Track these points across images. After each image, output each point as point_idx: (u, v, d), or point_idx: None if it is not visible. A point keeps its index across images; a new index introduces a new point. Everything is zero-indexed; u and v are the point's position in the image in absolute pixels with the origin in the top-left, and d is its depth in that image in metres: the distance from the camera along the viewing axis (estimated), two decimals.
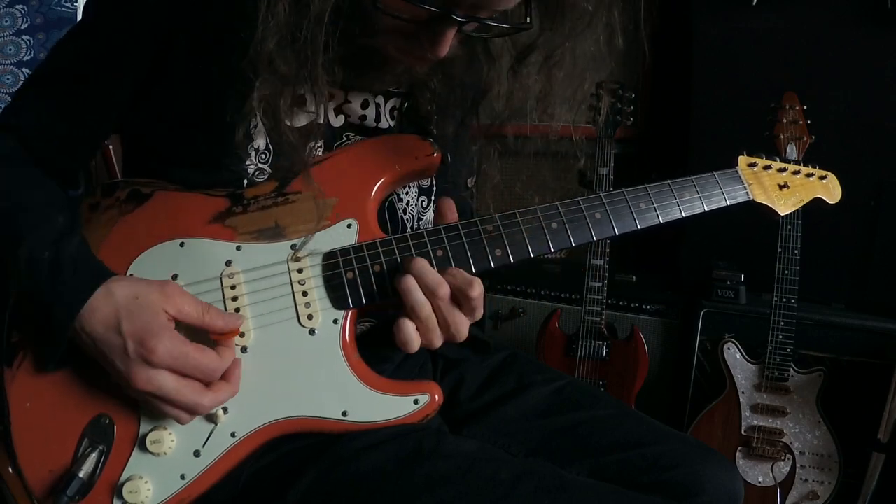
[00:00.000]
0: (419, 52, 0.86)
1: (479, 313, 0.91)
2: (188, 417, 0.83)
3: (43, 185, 0.93)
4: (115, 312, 0.80)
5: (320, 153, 0.97)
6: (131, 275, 0.88)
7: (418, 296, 0.87)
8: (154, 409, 0.83)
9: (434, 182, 1.11)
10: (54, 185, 0.94)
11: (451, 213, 0.96)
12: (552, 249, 0.96)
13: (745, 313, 2.23)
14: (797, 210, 1.91)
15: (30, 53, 2.36)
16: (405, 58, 0.89)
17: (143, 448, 0.84)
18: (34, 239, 0.83)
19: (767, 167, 1.15)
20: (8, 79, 2.36)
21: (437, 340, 0.89)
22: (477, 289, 0.88)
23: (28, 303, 0.82)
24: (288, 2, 0.79)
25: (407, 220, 1.06)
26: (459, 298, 0.88)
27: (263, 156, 0.94)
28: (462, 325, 0.90)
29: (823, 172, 1.20)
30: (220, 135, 0.92)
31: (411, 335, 0.87)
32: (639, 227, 1.01)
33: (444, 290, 0.87)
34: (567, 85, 0.95)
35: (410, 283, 0.87)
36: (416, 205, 1.08)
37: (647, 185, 1.03)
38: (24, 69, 2.37)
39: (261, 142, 0.94)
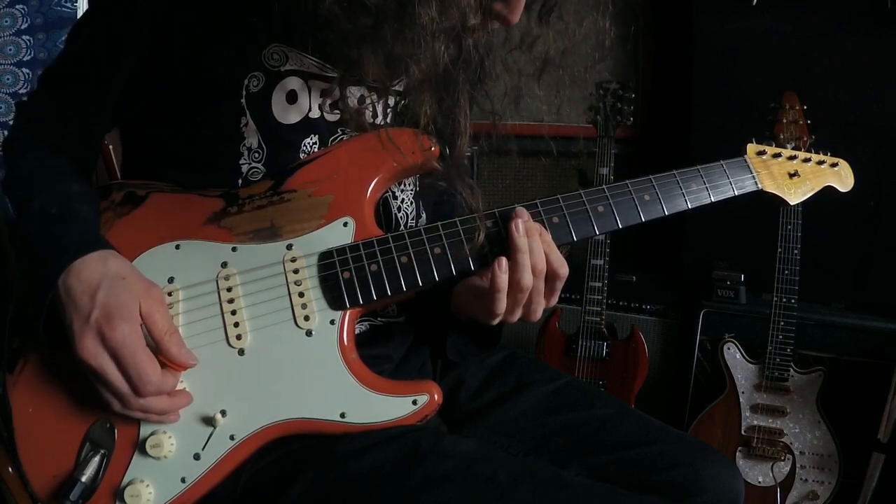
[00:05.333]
0: (487, 26, 0.85)
1: (556, 298, 0.96)
2: (119, 406, 0.83)
3: (56, 160, 0.96)
4: (99, 279, 0.82)
5: (316, 149, 0.97)
6: None
7: (527, 275, 0.89)
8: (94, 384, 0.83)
9: (421, 185, 1.11)
10: (67, 163, 0.97)
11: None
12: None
13: (745, 313, 2.23)
14: (797, 210, 1.93)
15: (30, 53, 2.36)
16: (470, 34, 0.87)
17: (144, 452, 0.85)
18: (46, 195, 0.88)
19: (777, 155, 1.12)
20: (8, 79, 2.35)
21: (516, 317, 0.93)
22: (566, 269, 0.92)
23: (29, 253, 0.85)
24: None
25: (401, 217, 1.06)
26: (549, 277, 0.92)
27: (257, 154, 0.94)
28: (541, 305, 0.94)
29: (835, 160, 1.16)
30: (212, 133, 0.92)
31: (501, 309, 0.91)
32: (643, 219, 1.00)
33: (544, 267, 0.91)
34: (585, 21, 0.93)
35: (525, 260, 0.89)
36: (411, 203, 1.07)
37: (651, 177, 1.02)
38: (24, 69, 2.36)
39: (252, 140, 0.93)
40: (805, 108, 1.87)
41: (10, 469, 0.88)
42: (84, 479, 0.83)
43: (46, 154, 0.97)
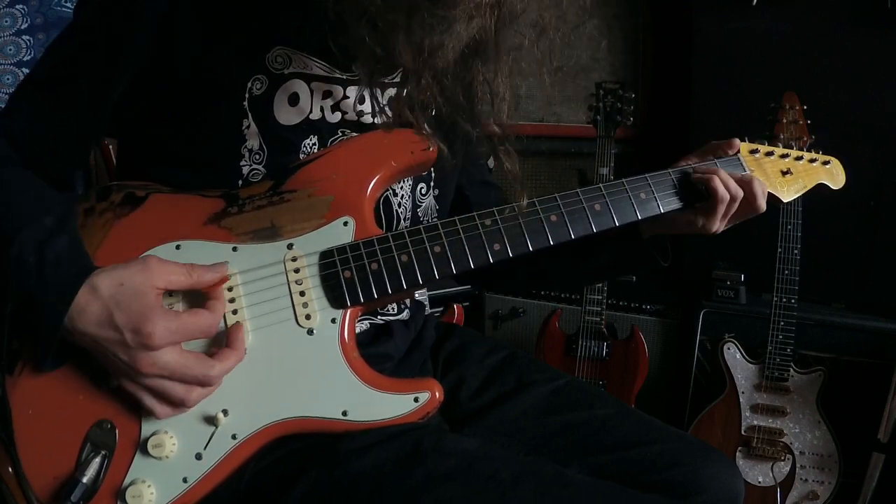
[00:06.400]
0: None
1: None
2: (201, 391, 0.83)
3: (31, 186, 0.92)
4: (104, 307, 0.80)
5: (316, 150, 0.97)
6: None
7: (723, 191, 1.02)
8: (165, 394, 0.82)
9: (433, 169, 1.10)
10: (44, 185, 0.93)
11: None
12: (551, 242, 0.96)
13: (745, 313, 2.23)
14: (797, 209, 1.94)
15: (30, 53, 2.36)
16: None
17: (145, 452, 0.84)
18: (21, 242, 0.82)
19: (770, 153, 1.14)
20: (8, 79, 2.35)
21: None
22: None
23: (22, 305, 0.82)
24: None
25: (401, 213, 1.06)
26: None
27: (258, 156, 0.94)
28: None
29: (826, 158, 1.18)
30: (213, 134, 0.92)
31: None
32: (639, 216, 1.02)
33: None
34: None
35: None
36: (409, 197, 1.07)
37: (647, 175, 1.04)
38: (24, 69, 2.36)
39: (254, 142, 0.93)
40: (805, 108, 1.87)
41: (11, 469, 0.88)
42: (85, 479, 0.82)
43: (19, 184, 0.91)
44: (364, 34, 0.82)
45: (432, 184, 1.11)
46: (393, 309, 1.09)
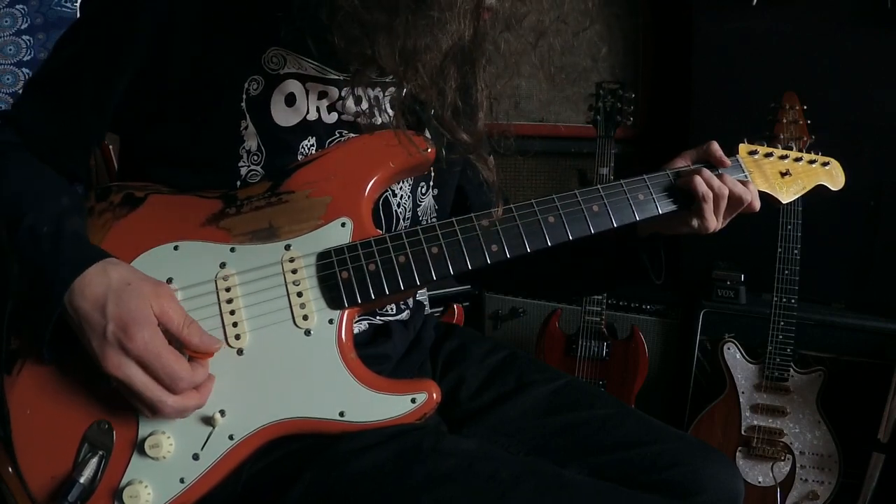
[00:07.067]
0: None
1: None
2: (150, 414, 0.83)
3: (44, 173, 0.94)
4: (104, 292, 0.81)
5: (313, 151, 0.97)
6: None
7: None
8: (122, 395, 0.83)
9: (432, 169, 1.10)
10: (55, 174, 0.95)
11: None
12: (549, 244, 0.96)
13: (745, 313, 2.23)
14: (797, 209, 1.94)
15: (30, 53, 2.36)
16: None
17: (142, 452, 0.84)
18: (36, 214, 0.85)
19: (769, 154, 1.14)
20: (8, 79, 2.35)
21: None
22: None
23: (26, 275, 0.83)
24: None
25: (401, 213, 1.06)
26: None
27: (256, 157, 0.94)
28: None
29: (826, 159, 1.18)
30: (212, 135, 0.92)
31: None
32: (637, 218, 1.02)
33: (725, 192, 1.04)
34: None
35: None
36: (409, 197, 1.07)
37: (645, 176, 1.04)
38: (24, 69, 2.36)
39: (252, 143, 0.93)
40: (805, 108, 1.87)
41: (11, 469, 0.88)
42: (82, 480, 0.83)
43: (34, 168, 0.94)
44: (354, 34, 0.82)
45: (431, 183, 1.11)
46: (392, 309, 1.09)
